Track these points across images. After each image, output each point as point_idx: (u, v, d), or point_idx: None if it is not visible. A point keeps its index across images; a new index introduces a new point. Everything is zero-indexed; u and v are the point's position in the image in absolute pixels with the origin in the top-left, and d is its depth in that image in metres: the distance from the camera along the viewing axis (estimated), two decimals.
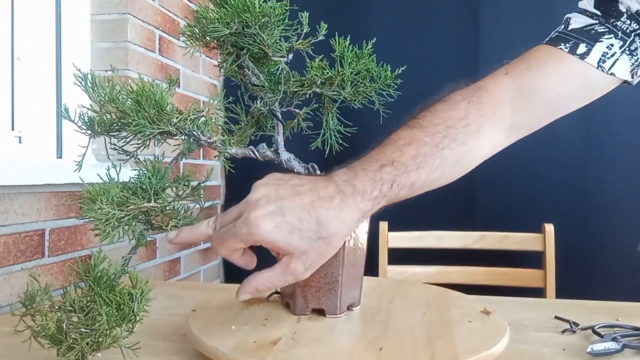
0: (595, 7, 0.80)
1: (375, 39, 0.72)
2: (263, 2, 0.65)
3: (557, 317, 0.85)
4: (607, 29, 0.79)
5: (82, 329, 0.55)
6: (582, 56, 0.78)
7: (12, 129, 1.18)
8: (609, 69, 0.78)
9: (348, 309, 0.74)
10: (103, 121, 0.62)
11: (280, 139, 0.73)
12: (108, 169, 0.60)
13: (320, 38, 0.70)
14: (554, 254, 1.51)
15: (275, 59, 0.69)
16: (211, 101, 0.67)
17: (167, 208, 0.62)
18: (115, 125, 0.62)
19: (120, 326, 0.56)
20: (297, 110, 0.75)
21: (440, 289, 0.89)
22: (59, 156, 1.30)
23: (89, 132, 0.63)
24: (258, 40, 0.67)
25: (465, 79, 0.77)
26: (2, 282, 1.00)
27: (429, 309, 0.76)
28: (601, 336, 0.72)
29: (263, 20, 0.66)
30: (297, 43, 0.69)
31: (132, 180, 0.62)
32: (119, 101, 0.61)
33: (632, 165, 1.60)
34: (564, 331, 0.78)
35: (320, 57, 0.72)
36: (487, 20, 1.69)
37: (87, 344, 0.55)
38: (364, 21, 1.74)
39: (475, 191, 1.72)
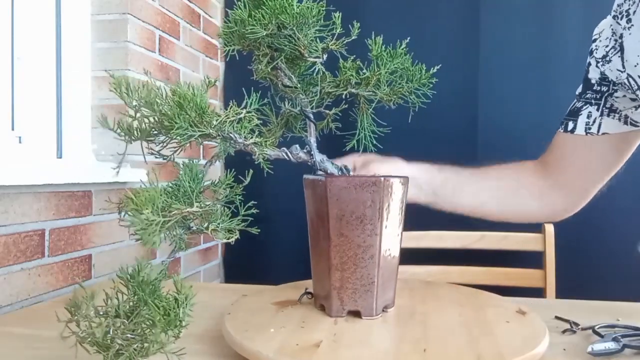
0: (581, 90, 0.98)
1: (409, 38, 0.72)
2: (298, 2, 0.65)
3: (557, 317, 0.84)
4: (583, 103, 0.95)
5: (128, 335, 0.54)
6: (572, 131, 0.95)
7: (12, 129, 1.15)
8: (599, 132, 0.94)
9: (383, 310, 0.74)
10: (141, 126, 0.61)
11: (312, 140, 0.73)
12: (147, 174, 0.59)
13: (353, 38, 0.70)
14: (554, 254, 1.52)
15: (311, 59, 0.68)
16: (247, 103, 0.66)
17: (207, 211, 0.61)
18: (153, 129, 0.61)
19: (167, 332, 0.55)
20: (326, 111, 0.75)
21: (469, 289, 0.89)
22: (59, 156, 1.28)
23: (127, 137, 0.61)
24: (294, 41, 0.66)
25: (465, 78, 0.80)
26: (2, 282, 0.99)
27: (464, 309, 0.76)
28: (601, 336, 0.71)
29: (299, 20, 0.65)
30: (332, 43, 0.69)
31: (170, 184, 0.61)
32: (158, 105, 0.60)
33: (632, 165, 1.62)
34: (564, 331, 0.77)
35: (352, 57, 0.72)
36: (487, 20, 1.69)
37: (135, 349, 0.54)
38: (363, 21, 1.73)
39: None
